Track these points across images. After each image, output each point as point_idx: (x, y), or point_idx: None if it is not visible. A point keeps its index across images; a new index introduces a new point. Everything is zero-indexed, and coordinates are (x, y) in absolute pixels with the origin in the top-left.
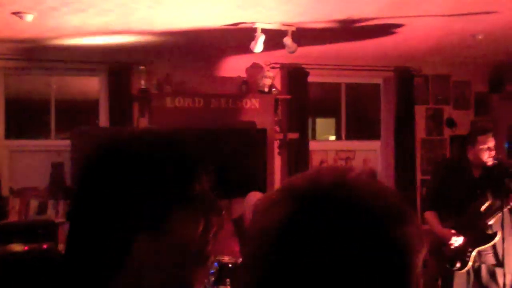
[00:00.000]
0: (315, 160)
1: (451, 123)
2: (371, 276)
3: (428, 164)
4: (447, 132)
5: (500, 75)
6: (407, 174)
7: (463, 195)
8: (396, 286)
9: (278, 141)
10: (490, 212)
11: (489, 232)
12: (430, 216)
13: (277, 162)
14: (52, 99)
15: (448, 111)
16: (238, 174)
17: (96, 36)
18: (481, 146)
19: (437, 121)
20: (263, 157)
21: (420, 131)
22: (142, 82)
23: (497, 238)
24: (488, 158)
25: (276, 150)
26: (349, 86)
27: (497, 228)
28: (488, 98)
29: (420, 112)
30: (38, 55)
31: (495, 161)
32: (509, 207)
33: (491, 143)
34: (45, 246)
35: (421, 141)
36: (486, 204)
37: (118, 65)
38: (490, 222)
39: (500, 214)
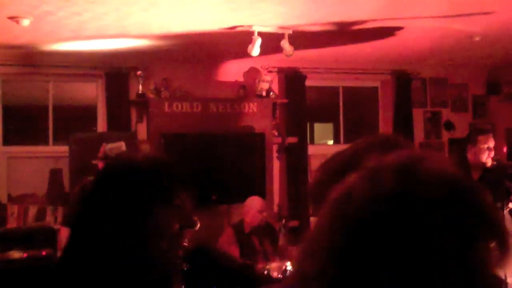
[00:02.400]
0: (313, 165)
1: (450, 126)
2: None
3: None
4: (446, 135)
5: (497, 77)
6: None
7: None
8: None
9: (276, 145)
10: None
11: None
12: None
13: (276, 167)
14: (50, 105)
15: (446, 114)
16: (237, 179)
17: (93, 41)
18: (482, 146)
19: (435, 124)
20: (261, 162)
21: (419, 134)
22: (140, 87)
23: None
24: (487, 158)
25: (275, 155)
26: (347, 89)
27: None
28: (486, 101)
29: (418, 115)
30: (35, 60)
31: (494, 162)
32: (508, 208)
33: (491, 143)
34: (44, 253)
35: (420, 145)
36: None
37: (115, 70)
38: None
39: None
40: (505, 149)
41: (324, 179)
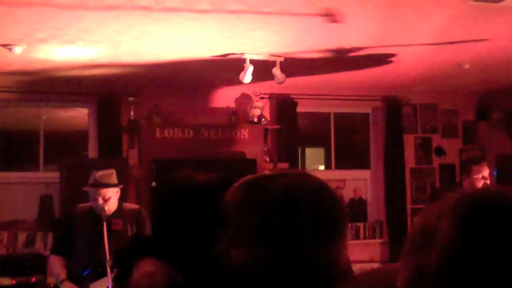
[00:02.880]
0: None
1: (440, 152)
2: None
3: (418, 192)
4: (436, 161)
5: (486, 103)
6: (398, 203)
7: None
8: None
9: (268, 171)
10: None
11: None
12: None
13: None
14: (41, 131)
15: (437, 139)
16: None
17: (85, 68)
18: (476, 176)
19: (426, 150)
20: None
21: (410, 160)
22: (131, 113)
23: None
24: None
25: None
26: (338, 115)
27: None
28: (476, 127)
29: (409, 141)
30: (27, 87)
31: None
32: None
33: (485, 172)
34: (33, 279)
35: (411, 170)
36: None
37: (107, 96)
38: None
39: None
40: (494, 174)
41: None
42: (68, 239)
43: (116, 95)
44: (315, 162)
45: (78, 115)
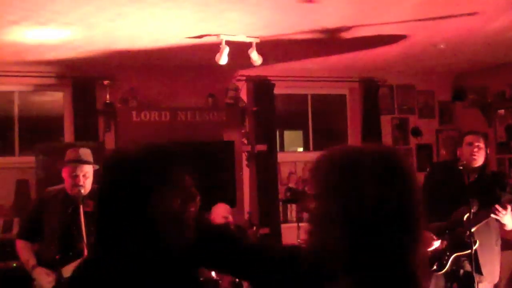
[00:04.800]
0: (283, 172)
1: (417, 132)
2: None
3: None
4: (413, 141)
5: (462, 84)
6: None
7: (451, 200)
8: None
9: (246, 153)
10: (473, 221)
11: (469, 240)
12: None
13: (246, 174)
14: (16, 116)
15: (413, 120)
16: (207, 188)
17: (59, 51)
18: (465, 144)
19: (403, 131)
20: (231, 170)
21: (387, 141)
22: (107, 96)
23: (475, 247)
24: (472, 155)
25: (245, 162)
26: (315, 97)
27: (478, 237)
28: (452, 107)
29: (386, 122)
30: (2, 68)
31: (483, 162)
32: (492, 217)
33: (476, 142)
34: (14, 264)
35: None
36: (470, 212)
37: (82, 79)
38: (473, 230)
39: (483, 224)
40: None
41: None
42: (36, 224)
43: (91, 78)
44: (293, 145)
45: (53, 100)
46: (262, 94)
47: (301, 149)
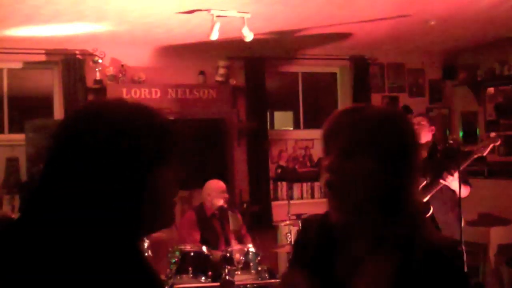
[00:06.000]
0: (274, 149)
1: (407, 110)
2: None
3: None
4: None
5: (452, 62)
6: None
7: None
8: None
9: (237, 130)
10: (426, 190)
11: (423, 207)
12: None
13: (236, 152)
14: (5, 93)
15: (404, 98)
16: (198, 165)
17: (49, 25)
18: (414, 126)
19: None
20: (222, 147)
21: None
22: (97, 73)
23: (428, 213)
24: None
25: (235, 140)
26: (306, 75)
27: (433, 204)
28: (442, 85)
29: (377, 100)
30: None
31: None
32: (442, 184)
33: (418, 121)
34: None
35: None
36: (423, 183)
37: (71, 57)
38: (425, 199)
39: (437, 192)
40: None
41: None
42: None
43: (81, 55)
44: (284, 125)
45: (43, 78)
46: (253, 72)
47: (291, 129)
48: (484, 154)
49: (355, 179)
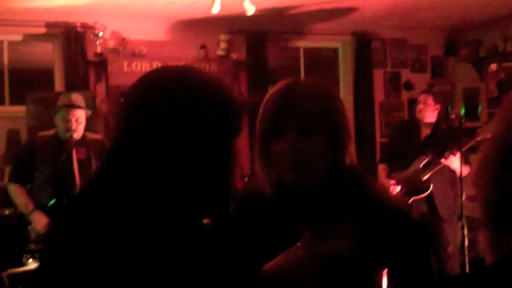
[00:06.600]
0: None
1: (409, 86)
2: None
3: (386, 127)
4: (405, 95)
5: (455, 38)
6: (367, 137)
7: (409, 152)
8: None
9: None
10: (427, 168)
11: (423, 185)
12: (380, 168)
13: None
14: (5, 65)
15: (406, 74)
16: None
17: None
18: (419, 105)
19: (395, 85)
20: None
21: (379, 94)
22: (98, 46)
23: (428, 191)
24: (419, 112)
25: None
26: (308, 51)
27: (433, 182)
28: (444, 62)
29: (379, 76)
30: None
31: (433, 120)
32: (443, 164)
33: (424, 100)
34: (6, 212)
35: (380, 104)
36: (425, 161)
37: (72, 29)
38: (426, 177)
39: (437, 171)
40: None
41: None
42: (29, 166)
43: (81, 28)
44: None
45: (43, 51)
46: (254, 46)
47: None
48: (488, 137)
49: (316, 156)
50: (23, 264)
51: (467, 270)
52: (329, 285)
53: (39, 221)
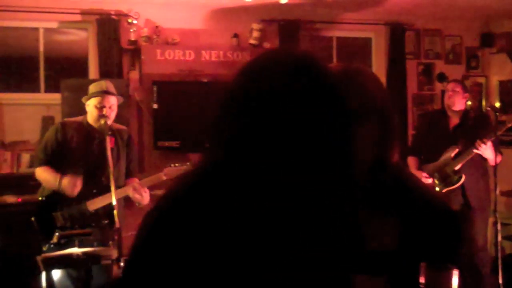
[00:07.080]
0: None
1: (442, 78)
2: None
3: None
4: (439, 87)
5: (491, 29)
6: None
7: (439, 143)
8: None
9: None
10: (459, 158)
11: (455, 176)
12: (410, 160)
13: None
14: (41, 52)
15: (440, 66)
16: None
17: None
18: (448, 92)
19: (429, 76)
20: None
21: (412, 86)
22: (132, 34)
23: (461, 181)
24: (449, 98)
25: None
26: (340, 40)
27: (464, 172)
28: (479, 53)
29: (412, 67)
30: (25, 6)
31: (463, 108)
32: (474, 153)
33: (452, 87)
34: (40, 198)
35: (412, 96)
36: (455, 151)
37: (106, 17)
38: (458, 167)
39: (467, 160)
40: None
41: None
42: (58, 152)
43: (115, 16)
44: None
45: (78, 39)
46: (287, 36)
47: None
48: None
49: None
50: (51, 249)
51: (499, 266)
52: (375, 280)
53: (70, 184)
